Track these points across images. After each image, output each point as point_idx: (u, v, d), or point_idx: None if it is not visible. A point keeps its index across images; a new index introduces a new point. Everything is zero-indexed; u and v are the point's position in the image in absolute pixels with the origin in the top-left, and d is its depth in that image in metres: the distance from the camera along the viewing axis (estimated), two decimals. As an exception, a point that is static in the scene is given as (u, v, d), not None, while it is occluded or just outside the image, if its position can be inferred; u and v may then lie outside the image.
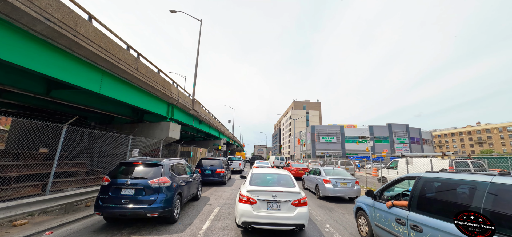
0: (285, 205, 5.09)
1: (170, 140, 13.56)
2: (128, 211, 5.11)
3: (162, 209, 5.35)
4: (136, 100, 10.42)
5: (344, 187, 9.76)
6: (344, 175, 10.47)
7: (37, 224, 5.23)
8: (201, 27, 18.61)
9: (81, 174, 9.88)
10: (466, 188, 3.02)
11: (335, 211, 8.03)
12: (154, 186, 5.43)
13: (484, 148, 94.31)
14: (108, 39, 7.67)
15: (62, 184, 8.80)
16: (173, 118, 13.92)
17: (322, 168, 11.36)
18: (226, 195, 10.38)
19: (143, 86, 10.37)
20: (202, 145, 31.54)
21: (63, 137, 6.46)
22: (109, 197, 5.24)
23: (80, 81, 7.36)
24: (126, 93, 9.66)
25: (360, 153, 61.05)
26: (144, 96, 11.08)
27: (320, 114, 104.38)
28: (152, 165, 5.89)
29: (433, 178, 3.55)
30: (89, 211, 6.45)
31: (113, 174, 5.64)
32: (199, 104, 18.33)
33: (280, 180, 6.09)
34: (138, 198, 5.27)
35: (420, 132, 69.84)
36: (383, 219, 4.33)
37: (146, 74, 10.03)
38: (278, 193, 5.18)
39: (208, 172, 13.13)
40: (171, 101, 13.00)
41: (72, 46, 6.52)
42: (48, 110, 11.56)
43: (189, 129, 22.77)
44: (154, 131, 12.92)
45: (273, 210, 5.06)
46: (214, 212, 7.17)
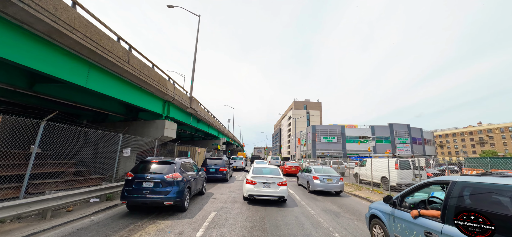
0: (273, 185, 8.50)
1: (165, 139, 12.91)
2: (148, 200, 6.22)
3: (175, 199, 6.45)
4: (127, 96, 9.76)
5: (330, 183, 11.33)
6: (330, 172, 11.96)
7: (6, 233, 4.57)
8: (199, 23, 17.98)
9: (68, 175, 9.23)
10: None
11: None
12: (169, 180, 6.51)
13: (485, 148, 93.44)
14: (94, 28, 7.01)
15: (46, 186, 8.14)
16: (169, 116, 13.26)
17: (313, 167, 12.86)
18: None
19: (136, 81, 9.71)
20: (200, 144, 30.87)
21: (40, 134, 5.81)
22: (133, 189, 6.32)
23: (63, 74, 6.70)
24: (116, 88, 9.00)
25: (361, 153, 60.38)
26: (137, 92, 10.43)
27: (320, 114, 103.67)
28: (166, 163, 6.97)
29: (477, 183, 2.88)
30: (70, 216, 5.79)
31: (135, 170, 6.73)
32: (197, 102, 17.67)
33: (271, 171, 9.31)
34: (156, 189, 6.36)
35: (421, 132, 69.11)
36: (406, 231, 3.66)
37: (138, 68, 9.37)
38: (269, 178, 8.60)
39: (212, 170, 14.50)
40: (167, 98, 12.34)
41: (53, 34, 5.86)
42: (33, 106, 10.88)
43: (187, 128, 22.11)
44: (149, 130, 12.26)
45: (266, 188, 8.44)
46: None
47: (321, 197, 10.79)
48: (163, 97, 12.16)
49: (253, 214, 7.07)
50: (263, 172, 9.17)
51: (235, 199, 9.43)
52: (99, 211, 6.47)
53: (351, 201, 10.16)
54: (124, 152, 9.37)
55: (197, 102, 17.71)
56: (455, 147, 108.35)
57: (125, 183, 6.52)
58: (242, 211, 7.44)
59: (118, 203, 7.48)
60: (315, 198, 10.62)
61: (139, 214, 6.57)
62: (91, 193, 6.75)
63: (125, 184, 6.46)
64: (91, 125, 13.44)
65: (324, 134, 66.66)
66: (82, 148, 10.31)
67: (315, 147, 65.21)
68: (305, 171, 13.57)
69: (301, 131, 78.86)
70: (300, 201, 9.57)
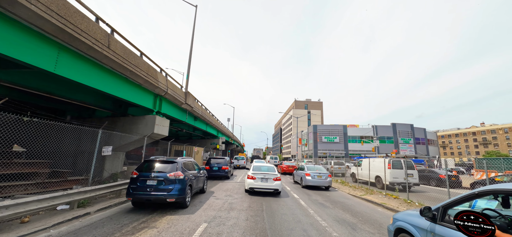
0: (270, 180, 10.10)
1: (156, 136, 11.74)
2: (152, 197, 6.58)
3: (177, 196, 6.79)
4: (110, 86, 8.61)
5: (319, 179, 12.98)
6: (321, 170, 13.69)
7: None
8: (196, 13, 16.81)
9: (41, 176, 8.09)
10: None
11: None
12: (171, 178, 6.86)
13: (489, 149, 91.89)
14: (63, 2, 5.86)
15: (13, 189, 7.00)
16: (161, 111, 12.09)
17: (306, 166, 14.68)
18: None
19: (120, 70, 8.55)
20: (198, 143, 29.66)
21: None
22: (137, 186, 6.68)
23: (22, 55, 5.54)
24: (95, 77, 7.83)
25: (363, 153, 59.07)
26: (122, 83, 9.27)
27: (322, 114, 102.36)
28: (169, 162, 7.32)
29: None
30: (20, 230, 4.58)
31: (139, 169, 7.04)
32: (193, 98, 16.50)
33: (268, 169, 10.84)
34: (159, 187, 6.71)
35: (425, 132, 67.79)
36: None
37: (122, 55, 8.21)
38: (267, 174, 10.24)
39: (215, 168, 15.71)
40: (158, 91, 11.18)
41: (2, 3, 4.72)
42: (16, 101, 9.69)
43: (183, 126, 20.95)
44: (138, 126, 11.09)
45: (264, 182, 10.08)
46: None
47: (311, 191, 12.33)
48: (153, 91, 11.00)
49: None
50: (262, 169, 10.79)
51: (234, 203, 8.82)
52: (63, 222, 5.28)
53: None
54: (104, 151, 8.18)
55: (193, 98, 16.55)
56: (458, 148, 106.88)
57: (130, 181, 6.93)
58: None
59: (90, 211, 6.31)
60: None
61: (144, 209, 6.99)
62: (56, 199, 5.56)
63: (131, 182, 6.88)
64: (76, 122, 12.29)
65: (325, 134, 65.37)
66: (62, 147, 9.15)
67: (316, 147, 63.93)
68: (299, 169, 15.20)
69: (302, 131, 77.56)
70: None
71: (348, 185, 15.39)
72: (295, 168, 21.31)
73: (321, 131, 65.87)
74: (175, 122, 16.67)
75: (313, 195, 10.98)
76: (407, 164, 13.04)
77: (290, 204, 8.60)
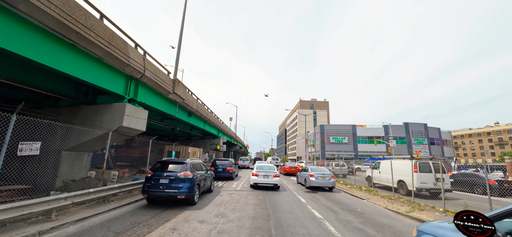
0: (270, 176, 12.28)
1: (127, 131, 8.98)
2: (164, 194, 7.39)
3: (187, 193, 7.51)
4: (49, 57, 5.88)
5: (323, 180, 12.99)
6: (324, 171, 13.74)
7: None
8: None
9: None
10: None
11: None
12: (181, 177, 7.59)
13: (505, 150, 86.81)
14: None
15: None
16: (136, 99, 9.34)
17: (309, 167, 14.79)
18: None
19: (61, 32, 5.83)
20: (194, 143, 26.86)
21: None
22: (152, 184, 7.46)
23: None
24: (25, 41, 5.12)
25: (374, 155, 55.45)
26: (69, 52, 6.52)
27: (328, 114, 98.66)
28: (179, 163, 8.05)
29: None
30: None
31: (154, 169, 7.77)
32: (184, 88, 13.76)
33: (269, 168, 13.17)
34: (171, 185, 7.47)
35: (439, 132, 63.82)
36: None
37: (60, 6, 5.49)
38: (268, 172, 12.48)
39: (220, 169, 16.18)
40: (130, 71, 8.46)
41: None
42: None
43: (176, 122, 18.23)
44: (102, 117, 8.36)
45: (265, 178, 12.24)
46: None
47: (315, 193, 12.28)
48: (123, 70, 8.26)
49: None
50: (263, 168, 12.93)
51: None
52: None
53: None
54: (21, 150, 5.40)
55: (184, 88, 13.80)
56: (471, 149, 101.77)
57: (145, 179, 7.62)
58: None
59: None
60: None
61: (157, 206, 7.65)
62: None
63: (145, 181, 7.57)
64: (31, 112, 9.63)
65: (333, 134, 61.96)
66: None
67: (324, 148, 60.59)
68: (303, 170, 15.23)
69: (308, 131, 74.22)
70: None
71: (355, 187, 14.48)
72: (297, 169, 22.18)
73: (329, 131, 62.51)
74: (162, 116, 13.95)
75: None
76: (438, 167, 11.70)
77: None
